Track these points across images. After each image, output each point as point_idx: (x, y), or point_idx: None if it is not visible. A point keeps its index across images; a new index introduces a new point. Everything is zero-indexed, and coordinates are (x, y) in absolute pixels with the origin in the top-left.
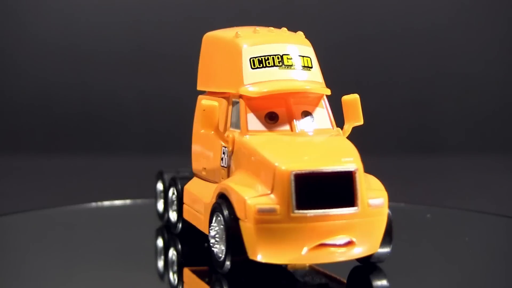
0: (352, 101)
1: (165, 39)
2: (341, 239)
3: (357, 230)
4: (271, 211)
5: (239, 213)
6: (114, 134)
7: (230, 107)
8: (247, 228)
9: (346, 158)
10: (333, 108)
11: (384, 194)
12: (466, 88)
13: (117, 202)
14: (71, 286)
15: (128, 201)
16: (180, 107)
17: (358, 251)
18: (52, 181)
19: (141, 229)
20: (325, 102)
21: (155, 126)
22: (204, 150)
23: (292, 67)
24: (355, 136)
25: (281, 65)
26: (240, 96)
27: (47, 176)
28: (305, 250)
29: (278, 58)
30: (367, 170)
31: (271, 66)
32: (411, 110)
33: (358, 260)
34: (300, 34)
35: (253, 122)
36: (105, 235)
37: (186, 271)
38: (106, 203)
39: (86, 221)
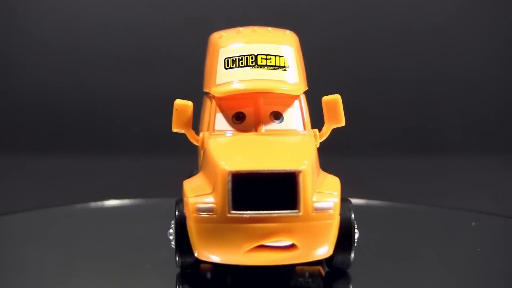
0: (332, 101)
1: (166, 39)
2: (282, 242)
3: (300, 234)
4: (208, 210)
5: (186, 211)
6: (114, 134)
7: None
8: (189, 226)
9: (294, 159)
10: None
11: (335, 197)
12: (466, 88)
13: (117, 202)
14: (71, 285)
15: (128, 201)
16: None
17: (301, 256)
18: (52, 181)
19: (141, 228)
20: (300, 103)
21: (156, 126)
22: (197, 149)
23: (265, 67)
24: (354, 136)
25: (254, 65)
26: (213, 96)
27: (47, 176)
28: (243, 251)
29: (252, 58)
30: (366, 169)
31: (244, 66)
32: (411, 110)
33: (328, 265)
34: (286, 33)
35: (220, 122)
36: (105, 235)
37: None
38: (106, 203)
39: (86, 221)
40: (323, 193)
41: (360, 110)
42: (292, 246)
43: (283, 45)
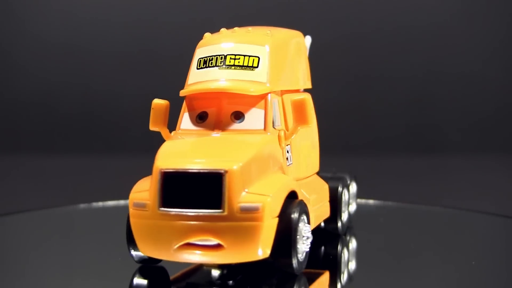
0: (299, 102)
1: (166, 40)
2: (207, 241)
3: (225, 234)
4: (142, 206)
5: None
6: (114, 134)
7: None
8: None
9: (226, 160)
10: (326, 106)
11: (264, 199)
12: (466, 88)
13: (117, 202)
14: (71, 285)
15: (128, 201)
16: (180, 107)
17: (228, 256)
18: (52, 181)
19: None
20: (266, 103)
21: None
22: None
23: (232, 67)
24: (355, 136)
25: (222, 65)
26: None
27: (47, 176)
28: (173, 247)
29: (221, 58)
30: (366, 169)
31: (213, 66)
32: (411, 110)
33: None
34: (267, 33)
35: (186, 121)
36: (105, 235)
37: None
38: (106, 203)
39: (86, 221)
40: (252, 194)
41: (361, 109)
42: (218, 246)
43: (258, 45)
